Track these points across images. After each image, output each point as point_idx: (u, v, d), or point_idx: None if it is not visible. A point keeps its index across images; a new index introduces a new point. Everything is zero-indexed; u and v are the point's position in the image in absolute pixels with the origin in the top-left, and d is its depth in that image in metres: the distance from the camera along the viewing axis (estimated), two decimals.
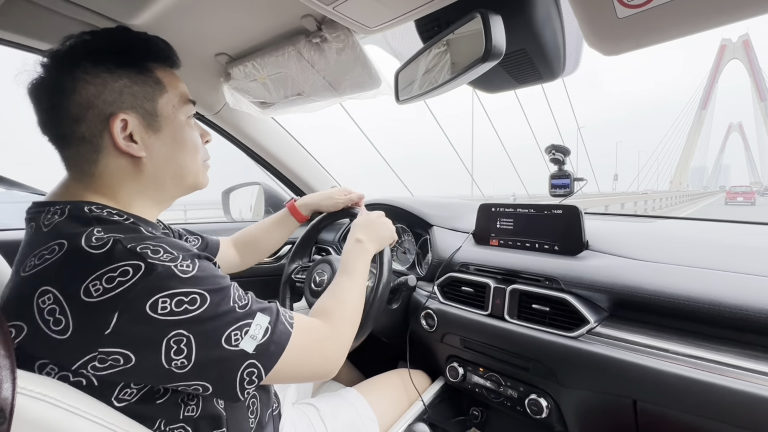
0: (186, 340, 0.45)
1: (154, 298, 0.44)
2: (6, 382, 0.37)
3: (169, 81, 0.58)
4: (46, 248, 0.46)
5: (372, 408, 0.85)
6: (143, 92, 0.55)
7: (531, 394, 0.80)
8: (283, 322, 0.54)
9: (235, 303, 0.50)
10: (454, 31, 0.60)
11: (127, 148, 0.53)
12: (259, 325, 0.50)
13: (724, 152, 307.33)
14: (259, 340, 0.50)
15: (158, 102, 0.56)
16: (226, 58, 0.93)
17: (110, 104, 0.52)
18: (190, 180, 0.62)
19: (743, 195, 48.22)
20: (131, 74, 0.54)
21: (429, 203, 1.23)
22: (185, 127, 0.60)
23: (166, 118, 0.57)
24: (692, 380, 0.58)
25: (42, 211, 0.51)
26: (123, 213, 0.54)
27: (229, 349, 0.47)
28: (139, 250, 0.46)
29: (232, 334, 0.48)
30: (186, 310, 0.45)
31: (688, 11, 0.39)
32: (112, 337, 0.42)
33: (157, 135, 0.56)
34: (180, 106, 0.59)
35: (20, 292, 0.45)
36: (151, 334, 0.44)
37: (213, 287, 0.49)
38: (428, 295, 0.99)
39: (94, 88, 0.51)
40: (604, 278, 0.73)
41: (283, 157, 1.36)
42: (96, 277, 0.43)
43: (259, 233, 1.02)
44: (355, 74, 0.82)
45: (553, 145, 0.96)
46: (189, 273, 0.47)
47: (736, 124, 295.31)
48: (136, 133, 0.54)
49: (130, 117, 0.53)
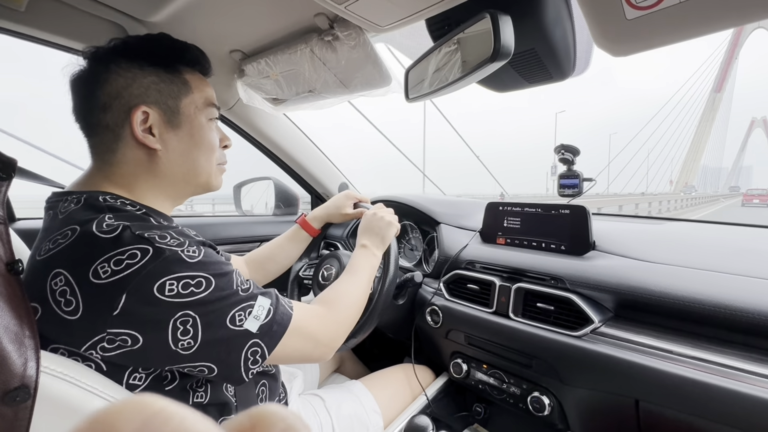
0: (192, 321, 0.47)
1: (162, 280, 0.46)
2: (31, 360, 0.39)
3: (197, 84, 0.61)
4: (59, 233, 0.49)
5: (376, 401, 0.86)
6: (169, 90, 0.58)
7: (534, 392, 0.81)
8: (283, 305, 0.56)
9: (239, 286, 0.52)
10: (464, 31, 0.61)
11: (144, 139, 0.56)
12: (262, 306, 0.53)
13: (744, 151, 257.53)
14: (263, 320, 0.52)
15: (182, 101, 0.59)
16: (240, 55, 0.95)
17: (136, 96, 0.55)
18: (203, 179, 0.64)
19: (759, 197, 51.50)
20: (160, 72, 0.57)
21: (437, 201, 1.24)
22: (204, 127, 0.62)
23: (187, 116, 0.60)
24: (696, 382, 0.58)
25: (60, 200, 0.54)
26: (136, 204, 0.56)
27: (234, 329, 0.49)
28: (147, 236, 0.48)
29: (237, 314, 0.50)
30: (192, 292, 0.47)
31: (696, 13, 0.39)
32: (121, 318, 0.44)
33: (176, 131, 0.59)
34: (203, 108, 0.61)
35: (35, 276, 0.47)
36: (158, 315, 0.45)
37: (218, 272, 0.51)
38: (434, 291, 1.00)
39: (124, 80, 0.55)
40: (610, 279, 0.73)
41: (294, 153, 1.38)
42: (104, 260, 0.45)
43: (274, 250, 1.01)
44: (366, 72, 0.83)
45: (563, 145, 0.96)
46: (195, 258, 0.50)
47: (760, 119, 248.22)
48: (155, 126, 0.57)
49: (152, 111, 0.56)
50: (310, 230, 1.01)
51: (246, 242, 1.35)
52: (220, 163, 0.66)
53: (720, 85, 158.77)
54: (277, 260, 1.01)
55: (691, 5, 0.38)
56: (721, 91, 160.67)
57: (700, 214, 22.61)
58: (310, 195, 1.56)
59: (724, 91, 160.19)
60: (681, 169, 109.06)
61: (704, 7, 0.38)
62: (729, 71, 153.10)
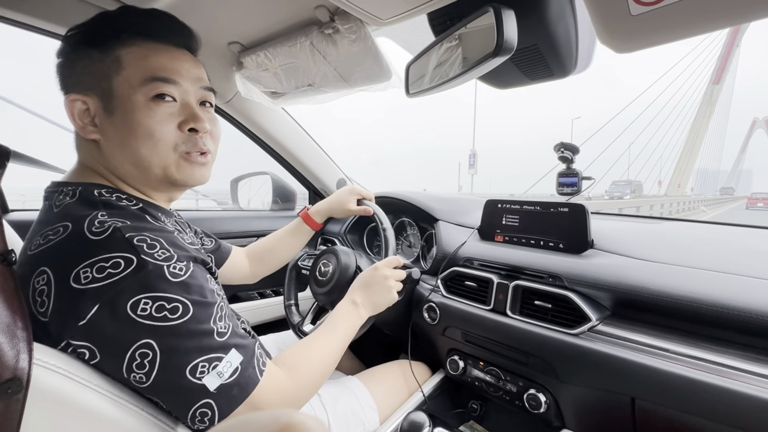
0: (151, 355, 0.43)
1: (138, 297, 0.43)
2: (23, 353, 0.39)
3: (134, 57, 0.52)
4: (52, 229, 0.48)
5: (372, 396, 0.86)
6: (100, 71, 0.51)
7: (530, 389, 0.81)
8: (254, 366, 0.50)
9: (215, 326, 0.47)
10: (466, 25, 0.60)
11: (82, 131, 0.53)
12: (230, 362, 0.47)
13: (745, 153, 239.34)
14: (225, 378, 0.46)
15: (113, 81, 0.51)
16: (239, 47, 0.94)
17: (74, 85, 0.52)
18: (157, 172, 0.54)
19: (764, 201, 53.94)
20: (92, 53, 0.52)
21: (435, 198, 1.23)
22: (139, 109, 0.51)
23: (120, 98, 0.51)
24: (692, 380, 0.58)
25: (56, 191, 0.53)
26: (132, 198, 0.54)
27: (191, 380, 0.44)
28: (136, 243, 0.45)
29: (200, 364, 0.45)
30: (165, 317, 0.44)
31: (702, 9, 0.39)
32: (85, 329, 0.42)
33: (111, 118, 0.52)
34: (139, 85, 0.51)
35: (23, 271, 0.46)
36: (122, 335, 0.43)
37: (199, 299, 0.47)
38: (432, 288, 1.00)
39: (67, 70, 0.53)
40: (608, 277, 0.73)
41: (293, 148, 1.37)
42: (88, 264, 0.43)
43: (275, 243, 1.01)
44: (367, 66, 0.82)
45: (562, 143, 0.96)
46: (179, 277, 0.46)
47: (763, 120, 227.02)
48: (97, 115, 0.53)
49: (89, 99, 0.52)
50: (312, 224, 1.00)
51: (243, 237, 1.34)
52: (186, 152, 0.55)
53: (719, 76, 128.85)
54: (278, 254, 1.01)
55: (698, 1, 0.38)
56: (720, 82, 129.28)
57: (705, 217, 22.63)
58: (308, 191, 1.56)
59: (724, 81, 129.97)
60: (675, 169, 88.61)
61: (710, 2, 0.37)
62: (729, 59, 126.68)
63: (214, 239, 0.91)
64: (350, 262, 0.92)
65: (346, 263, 0.91)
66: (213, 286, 0.51)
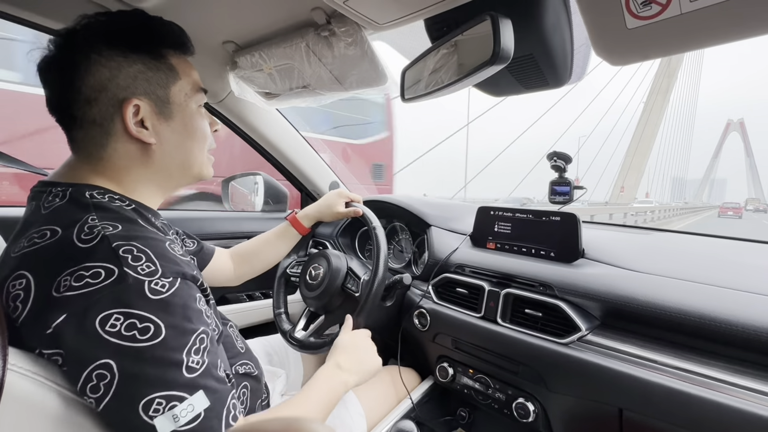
0: (108, 380, 0.40)
1: (109, 312, 0.41)
2: None
3: (183, 68, 0.58)
4: (37, 231, 0.46)
5: (360, 403, 0.85)
6: (157, 78, 0.54)
7: (519, 398, 0.81)
8: (220, 418, 0.44)
9: (186, 358, 0.43)
10: (463, 33, 0.60)
11: (138, 134, 0.53)
12: (192, 405, 0.41)
13: (718, 159, 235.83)
14: (180, 425, 0.40)
15: (171, 89, 0.56)
16: (234, 47, 0.93)
17: (124, 89, 0.52)
18: (196, 170, 0.62)
19: (733, 210, 63.39)
20: (146, 60, 0.54)
21: (428, 203, 1.23)
22: (196, 115, 0.60)
23: (178, 105, 0.57)
24: (678, 392, 0.59)
25: (44, 192, 0.51)
26: (125, 198, 0.54)
27: (141, 417, 0.40)
28: (121, 253, 0.44)
29: (156, 400, 0.40)
30: (133, 337, 0.40)
31: (696, 26, 0.39)
32: (50, 338, 0.41)
33: (168, 122, 0.56)
34: (192, 94, 0.59)
35: (2, 272, 0.45)
36: (84, 350, 0.40)
37: (175, 324, 0.43)
38: (422, 294, 0.99)
39: (108, 71, 0.51)
40: (598, 287, 0.73)
41: (285, 149, 1.36)
42: (70, 272, 0.42)
43: (260, 245, 0.99)
44: (362, 70, 0.82)
45: (555, 152, 0.96)
46: (160, 294, 0.43)
47: (737, 122, 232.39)
48: (147, 119, 0.54)
49: (142, 103, 0.53)
50: (299, 228, 0.99)
51: (232, 238, 1.32)
52: (210, 150, 0.64)
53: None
54: (263, 256, 0.99)
55: (693, 17, 0.38)
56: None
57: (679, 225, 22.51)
58: (301, 193, 1.54)
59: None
60: (622, 172, 68.91)
61: (706, 19, 0.38)
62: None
63: (196, 240, 0.89)
64: (341, 265, 0.91)
65: (336, 266, 0.90)
66: (201, 307, 0.48)
